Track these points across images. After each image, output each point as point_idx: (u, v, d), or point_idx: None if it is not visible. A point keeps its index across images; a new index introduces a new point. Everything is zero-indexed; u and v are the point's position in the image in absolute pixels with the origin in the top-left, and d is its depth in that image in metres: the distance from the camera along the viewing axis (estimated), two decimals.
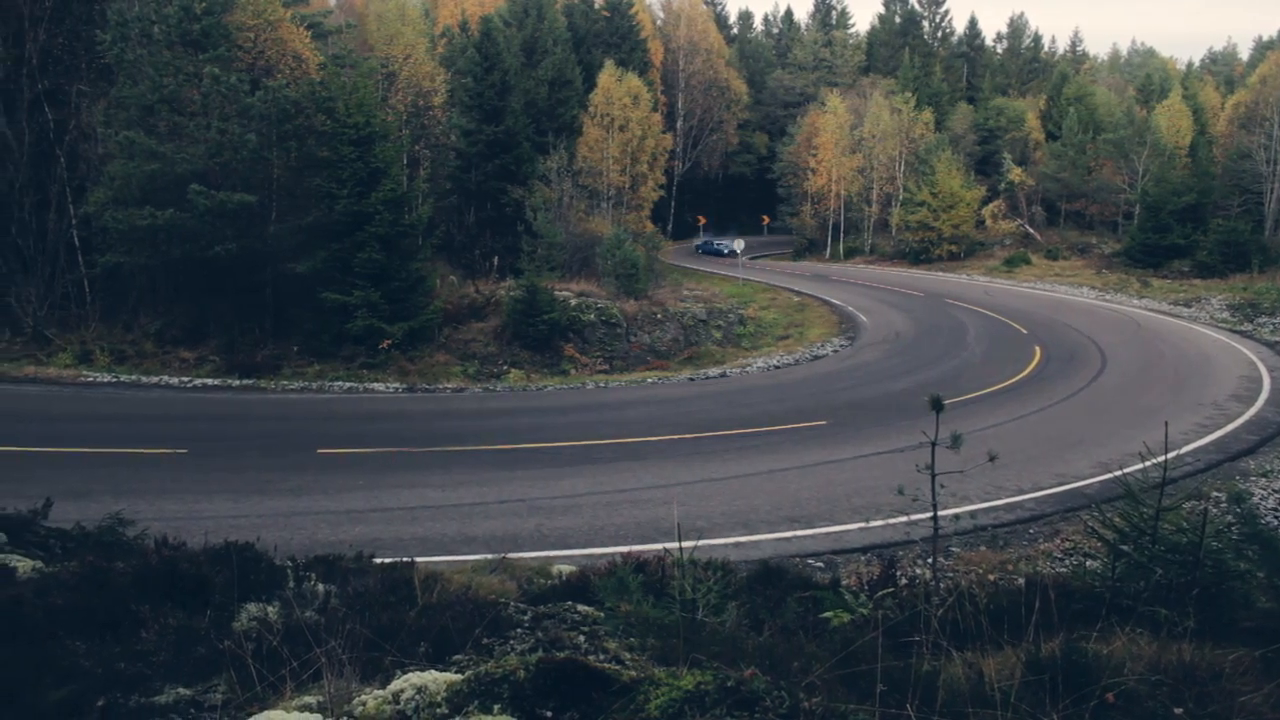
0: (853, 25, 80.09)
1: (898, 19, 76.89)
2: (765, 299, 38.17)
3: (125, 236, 22.51)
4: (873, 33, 78.52)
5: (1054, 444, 15.59)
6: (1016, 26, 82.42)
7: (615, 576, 5.06)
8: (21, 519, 6.13)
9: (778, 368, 25.82)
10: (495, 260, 33.60)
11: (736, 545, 10.43)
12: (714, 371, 25.38)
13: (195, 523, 9.53)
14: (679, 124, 62.93)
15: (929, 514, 6.25)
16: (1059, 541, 11.13)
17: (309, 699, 3.61)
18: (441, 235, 32.06)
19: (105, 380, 20.93)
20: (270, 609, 4.69)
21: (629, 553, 7.04)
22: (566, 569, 6.98)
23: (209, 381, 21.38)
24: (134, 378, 21.26)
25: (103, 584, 4.41)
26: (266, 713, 3.39)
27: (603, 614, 4.96)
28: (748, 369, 25.81)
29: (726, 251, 55.09)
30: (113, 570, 4.67)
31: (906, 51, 67.85)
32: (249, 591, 4.81)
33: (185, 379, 21.41)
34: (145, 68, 23.39)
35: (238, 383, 21.37)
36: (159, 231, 22.26)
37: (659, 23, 67.66)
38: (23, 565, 4.96)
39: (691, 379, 24.24)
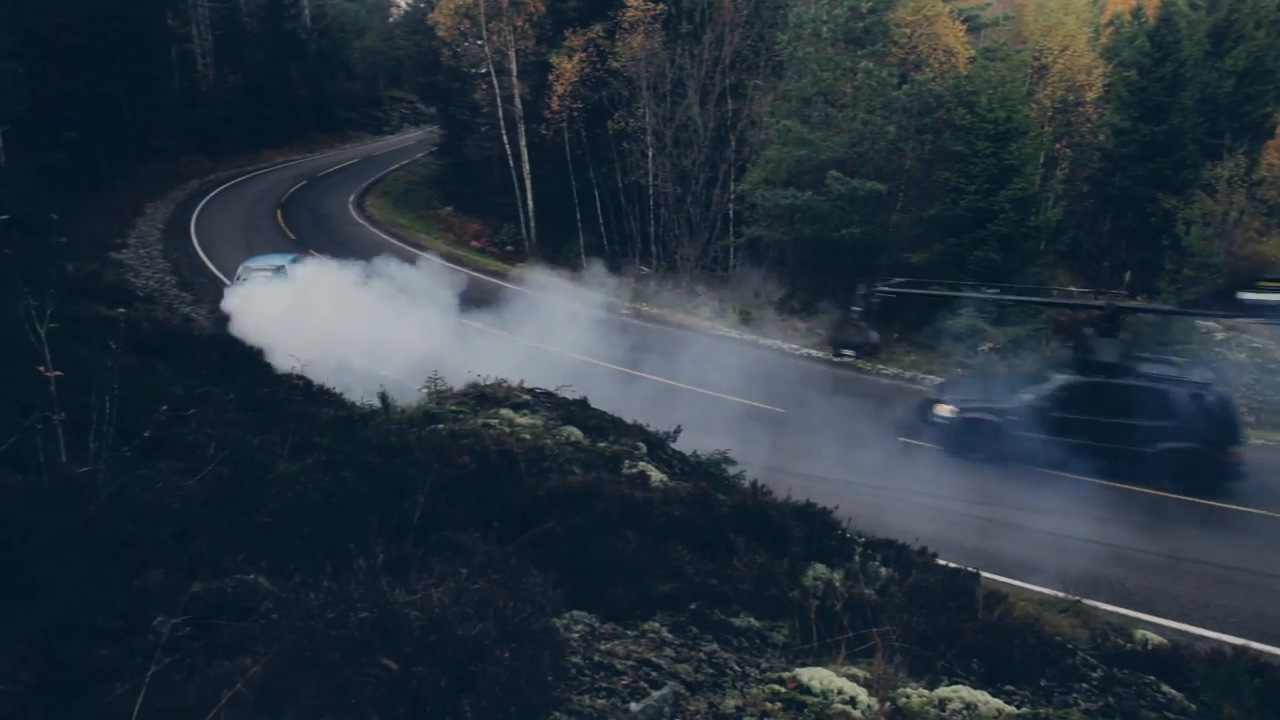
0: None
1: None
2: None
3: (768, 213, 25.53)
4: None
5: None
6: None
7: (1222, 669, 4.22)
8: (658, 439, 7.45)
9: None
10: (1127, 275, 29.97)
11: None
12: None
13: (780, 476, 10.46)
14: None
15: None
16: None
17: (857, 671, 3.73)
18: (1068, 241, 29.74)
19: (730, 335, 24.15)
20: (835, 575, 4.96)
21: (1241, 646, 5.78)
22: (1153, 638, 6.05)
23: (812, 352, 23.27)
24: (752, 337, 24.13)
25: (707, 508, 5.13)
26: (819, 669, 3.60)
27: (1195, 707, 4.18)
28: None
29: None
30: (715, 499, 5.40)
31: None
32: (820, 553, 5.14)
33: (794, 346, 23.63)
34: (810, 64, 25.92)
35: (836, 358, 22.88)
36: (796, 211, 24.77)
37: None
38: (655, 475, 6.02)
39: None
